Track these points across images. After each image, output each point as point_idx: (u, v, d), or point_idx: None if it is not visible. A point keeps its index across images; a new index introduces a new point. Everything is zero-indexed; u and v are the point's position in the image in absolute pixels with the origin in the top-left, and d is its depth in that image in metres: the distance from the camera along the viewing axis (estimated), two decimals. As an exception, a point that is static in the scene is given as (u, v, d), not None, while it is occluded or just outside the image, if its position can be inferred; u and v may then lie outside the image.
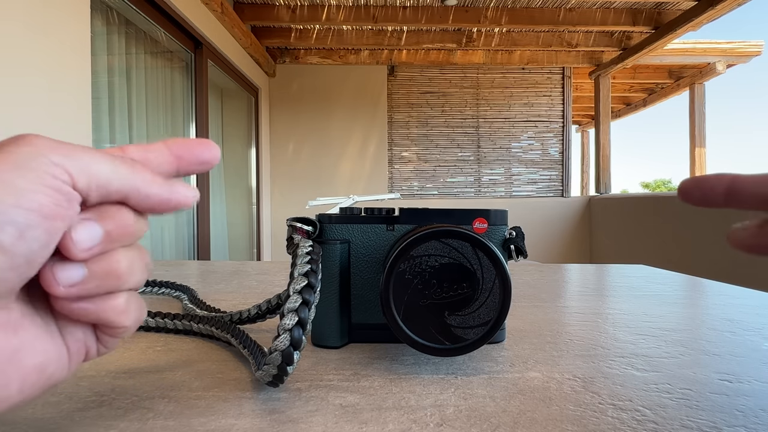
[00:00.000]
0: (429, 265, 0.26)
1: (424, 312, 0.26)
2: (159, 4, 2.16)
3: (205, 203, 2.76)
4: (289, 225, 0.30)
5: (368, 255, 0.31)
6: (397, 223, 0.31)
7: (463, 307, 0.26)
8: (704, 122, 4.94)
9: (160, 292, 0.46)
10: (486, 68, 4.30)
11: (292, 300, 0.23)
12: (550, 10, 3.40)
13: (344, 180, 4.27)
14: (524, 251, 0.31)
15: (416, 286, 0.26)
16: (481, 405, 0.22)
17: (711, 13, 2.87)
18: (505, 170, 4.37)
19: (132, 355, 0.29)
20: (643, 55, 3.73)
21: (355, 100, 4.26)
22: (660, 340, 0.33)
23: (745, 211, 0.17)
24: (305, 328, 0.22)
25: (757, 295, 0.48)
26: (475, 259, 0.26)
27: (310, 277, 0.24)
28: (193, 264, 0.72)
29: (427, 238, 0.26)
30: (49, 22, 1.40)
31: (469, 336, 0.26)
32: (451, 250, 0.26)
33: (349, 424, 0.20)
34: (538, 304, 0.44)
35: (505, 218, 0.31)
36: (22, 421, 0.20)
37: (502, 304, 0.26)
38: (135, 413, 0.21)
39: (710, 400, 0.23)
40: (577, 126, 7.95)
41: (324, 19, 3.34)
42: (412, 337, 0.26)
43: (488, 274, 0.26)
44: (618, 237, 3.76)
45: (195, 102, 2.69)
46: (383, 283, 0.26)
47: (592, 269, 0.68)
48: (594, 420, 0.21)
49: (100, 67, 1.86)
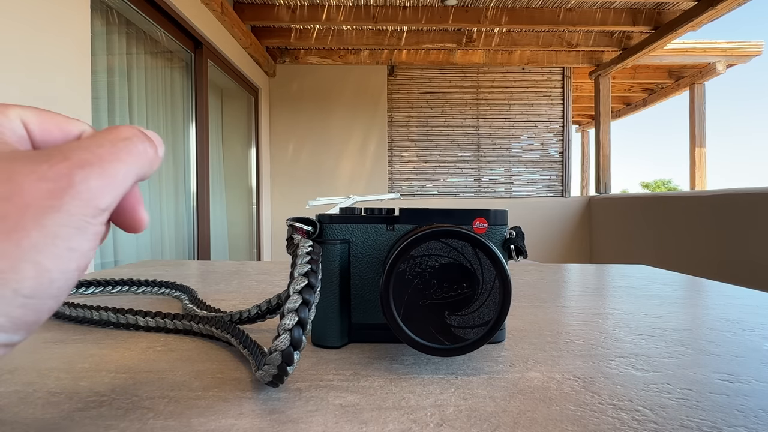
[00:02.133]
0: (429, 265, 0.26)
1: (424, 312, 0.26)
2: (159, 4, 2.16)
3: (205, 203, 2.76)
4: (289, 225, 0.30)
5: (368, 255, 0.31)
6: (397, 223, 0.31)
7: (463, 307, 0.26)
8: (704, 122, 4.94)
9: (160, 292, 0.46)
10: (486, 68, 4.30)
11: (292, 300, 0.23)
12: (550, 10, 3.40)
13: (344, 180, 4.27)
14: (524, 251, 0.31)
15: (416, 286, 0.26)
16: (481, 405, 0.22)
17: (711, 13, 2.87)
18: (505, 170, 4.37)
19: (132, 355, 0.29)
20: (643, 55, 3.73)
21: (355, 100, 4.26)
22: (660, 340, 0.33)
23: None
24: (305, 328, 0.22)
25: (757, 295, 0.48)
26: (475, 259, 0.26)
27: (310, 277, 0.24)
28: (193, 264, 0.72)
29: (427, 238, 0.26)
30: (49, 22, 1.40)
31: (469, 336, 0.26)
32: (451, 250, 0.26)
33: (349, 424, 0.20)
34: (538, 304, 0.44)
35: (505, 218, 0.31)
36: (22, 421, 0.20)
37: (502, 304, 0.26)
38: (135, 413, 0.21)
39: (710, 400, 0.23)
40: (577, 126, 7.95)
41: (324, 19, 3.34)
42: (412, 337, 0.26)
43: (488, 274, 0.26)
44: (618, 237, 3.76)
45: (195, 102, 2.69)
46: (383, 283, 0.26)
47: (592, 269, 0.68)
48: (594, 420, 0.21)
49: (100, 67, 1.86)
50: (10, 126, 0.15)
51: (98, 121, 1.81)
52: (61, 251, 0.13)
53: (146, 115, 2.21)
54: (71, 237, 0.13)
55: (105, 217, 0.15)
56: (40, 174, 0.13)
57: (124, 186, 0.15)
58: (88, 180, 0.14)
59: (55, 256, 0.13)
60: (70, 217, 0.13)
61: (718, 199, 2.53)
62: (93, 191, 0.14)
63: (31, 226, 0.13)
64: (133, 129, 0.17)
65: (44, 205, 0.13)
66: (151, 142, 0.17)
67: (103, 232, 0.15)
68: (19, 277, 0.12)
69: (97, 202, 0.14)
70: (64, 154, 0.14)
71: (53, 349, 0.30)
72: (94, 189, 0.14)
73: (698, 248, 2.68)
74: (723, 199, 2.50)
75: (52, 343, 0.31)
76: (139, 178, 0.16)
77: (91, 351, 0.30)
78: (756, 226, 2.24)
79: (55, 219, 0.13)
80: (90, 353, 0.29)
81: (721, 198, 2.52)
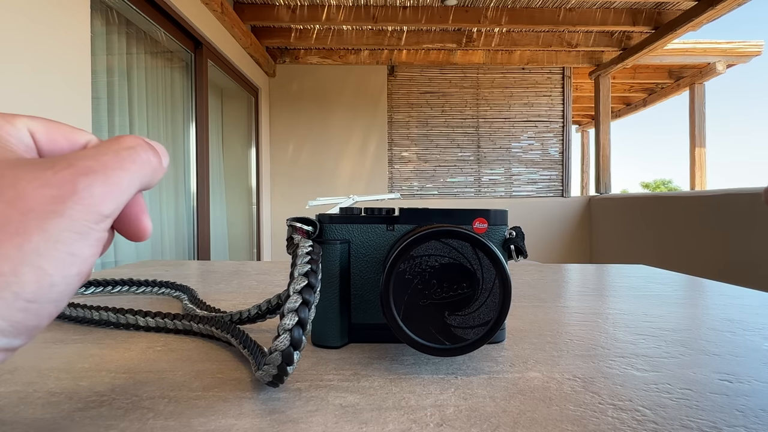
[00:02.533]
0: (429, 265, 0.26)
1: (424, 312, 0.26)
2: (159, 4, 2.16)
3: (205, 203, 2.76)
4: (289, 225, 0.30)
5: (368, 255, 0.31)
6: (397, 223, 0.31)
7: (463, 307, 0.26)
8: (704, 122, 4.94)
9: (160, 292, 0.46)
10: (486, 68, 4.30)
11: (292, 300, 0.23)
12: (550, 10, 3.40)
13: (344, 180, 4.27)
14: (524, 251, 0.31)
15: (416, 286, 0.26)
16: (481, 405, 0.22)
17: (711, 13, 2.87)
18: (505, 170, 4.37)
19: (132, 355, 0.29)
20: (643, 55, 3.73)
21: (355, 100, 4.26)
22: (660, 340, 0.33)
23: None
24: (305, 328, 0.22)
25: (757, 295, 0.48)
26: (475, 259, 0.26)
27: (310, 277, 0.24)
28: (193, 264, 0.72)
29: (427, 238, 0.26)
30: (49, 22, 1.40)
31: (469, 336, 0.26)
32: (451, 250, 0.26)
33: (349, 424, 0.20)
34: (538, 304, 0.44)
35: (505, 218, 0.31)
36: (22, 421, 0.20)
37: (502, 304, 0.26)
38: (135, 413, 0.21)
39: (710, 400, 0.23)
40: (577, 126, 7.95)
41: (324, 19, 3.34)
42: (412, 337, 0.26)
43: (488, 274, 0.26)
44: (618, 237, 3.76)
45: (195, 102, 2.69)
46: (383, 283, 0.26)
47: (592, 269, 0.68)
48: (594, 420, 0.21)
49: (100, 67, 1.86)
50: (17, 135, 0.15)
51: (98, 121, 1.81)
52: (63, 256, 0.13)
53: (146, 115, 2.21)
54: (73, 242, 0.13)
55: (108, 223, 0.15)
56: (44, 180, 0.13)
57: (128, 194, 0.15)
58: (91, 187, 0.14)
59: (57, 261, 0.13)
60: (73, 222, 0.13)
61: (718, 199, 2.53)
62: (96, 198, 0.14)
63: (33, 231, 0.13)
64: (138, 139, 0.17)
65: (47, 210, 0.13)
66: (155, 151, 0.17)
67: (105, 239, 0.15)
68: (21, 281, 0.12)
69: (100, 208, 0.14)
70: (68, 162, 0.14)
71: (53, 349, 0.30)
72: (97, 196, 0.14)
73: (698, 248, 2.68)
74: (723, 199, 2.50)
75: (52, 343, 0.31)
76: (142, 187, 0.17)
77: (91, 351, 0.30)
78: (756, 226, 2.24)
79: (58, 224, 0.13)
80: (90, 353, 0.29)
81: (721, 198, 2.52)
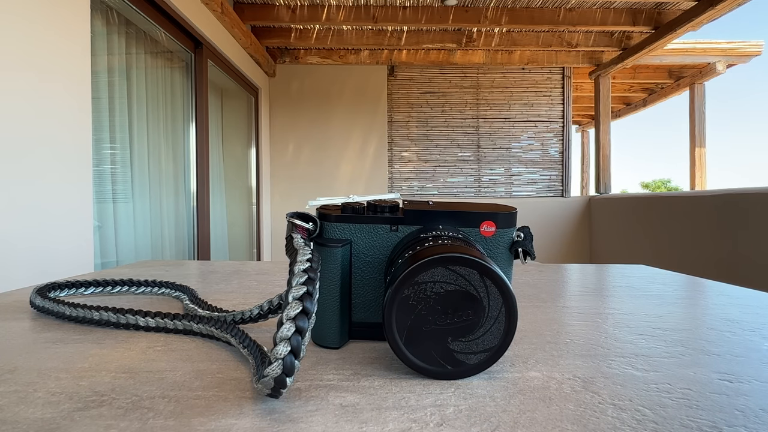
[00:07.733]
0: (434, 291, 0.25)
1: (427, 337, 0.25)
2: (159, 4, 2.16)
3: (205, 203, 2.76)
4: (289, 221, 0.30)
5: (371, 256, 0.30)
6: (402, 224, 0.30)
7: (467, 333, 0.25)
8: (704, 122, 4.94)
9: (160, 292, 0.46)
10: (486, 68, 4.30)
11: (291, 307, 0.23)
12: (550, 10, 3.40)
13: (344, 180, 4.27)
14: (532, 253, 0.30)
15: (420, 312, 0.25)
16: (481, 405, 0.22)
17: (711, 13, 2.87)
18: (505, 170, 4.37)
19: (132, 355, 0.29)
20: (643, 55, 3.72)
21: (355, 100, 4.26)
22: (660, 340, 0.33)
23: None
24: (304, 335, 0.22)
25: (757, 295, 0.48)
26: (482, 286, 0.25)
27: (305, 301, 0.24)
28: (193, 264, 0.72)
29: (434, 264, 0.25)
30: (49, 23, 1.40)
31: (471, 360, 0.25)
32: (457, 277, 0.25)
33: (349, 424, 0.20)
34: (538, 304, 0.44)
35: (513, 220, 0.30)
36: (22, 421, 0.20)
37: (506, 332, 0.25)
38: (135, 413, 0.21)
39: (710, 400, 0.23)
40: (577, 126, 7.95)
41: (324, 19, 3.34)
42: (413, 360, 0.25)
43: (495, 302, 0.25)
44: (618, 237, 3.76)
45: (195, 102, 2.69)
46: (386, 306, 0.25)
47: (592, 269, 0.68)
48: (594, 420, 0.21)
49: (100, 67, 1.86)
50: None
51: (98, 121, 1.81)
52: None
53: (146, 115, 2.21)
54: None
55: None
56: None
57: None
58: None
59: None
60: None
61: (718, 199, 2.53)
62: None
63: None
64: None
65: None
66: None
67: None
68: None
69: None
70: None
71: (53, 349, 0.30)
72: None
73: (698, 248, 2.68)
74: (723, 199, 2.49)
75: (52, 343, 0.31)
76: None
77: (91, 351, 0.30)
78: (756, 226, 2.24)
79: None
80: (90, 353, 0.29)
81: (721, 198, 2.52)
